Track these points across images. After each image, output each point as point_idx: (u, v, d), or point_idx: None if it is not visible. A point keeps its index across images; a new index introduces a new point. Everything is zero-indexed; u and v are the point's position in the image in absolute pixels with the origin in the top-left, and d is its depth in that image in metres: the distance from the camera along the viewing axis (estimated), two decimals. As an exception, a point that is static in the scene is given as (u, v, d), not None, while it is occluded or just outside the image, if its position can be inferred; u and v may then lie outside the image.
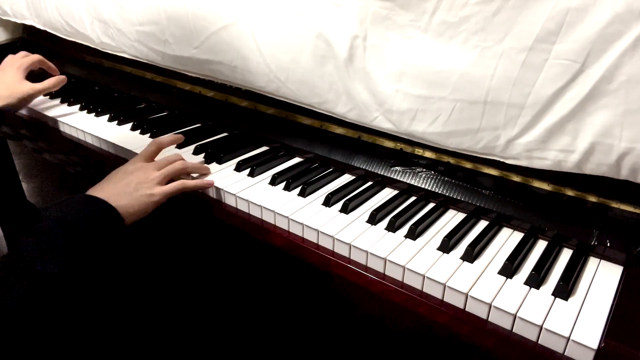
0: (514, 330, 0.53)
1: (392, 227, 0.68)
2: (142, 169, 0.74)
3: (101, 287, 0.66)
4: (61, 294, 0.58)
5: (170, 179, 0.76)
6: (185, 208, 0.83)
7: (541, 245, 0.65)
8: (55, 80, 1.06)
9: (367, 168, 0.81)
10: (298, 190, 0.77)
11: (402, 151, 0.79)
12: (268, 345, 0.91)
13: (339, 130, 0.86)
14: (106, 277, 0.65)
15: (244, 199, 0.75)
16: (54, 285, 0.57)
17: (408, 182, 0.77)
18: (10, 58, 1.08)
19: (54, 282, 0.57)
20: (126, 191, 0.70)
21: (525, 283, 0.58)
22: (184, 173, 0.79)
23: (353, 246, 0.64)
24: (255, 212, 0.75)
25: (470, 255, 0.62)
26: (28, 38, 1.49)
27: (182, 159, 0.80)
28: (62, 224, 0.61)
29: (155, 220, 0.73)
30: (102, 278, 0.64)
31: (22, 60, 1.06)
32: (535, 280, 0.57)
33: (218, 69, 0.94)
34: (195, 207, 0.82)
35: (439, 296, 0.58)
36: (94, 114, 1.09)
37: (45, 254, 0.58)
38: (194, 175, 0.82)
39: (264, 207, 0.73)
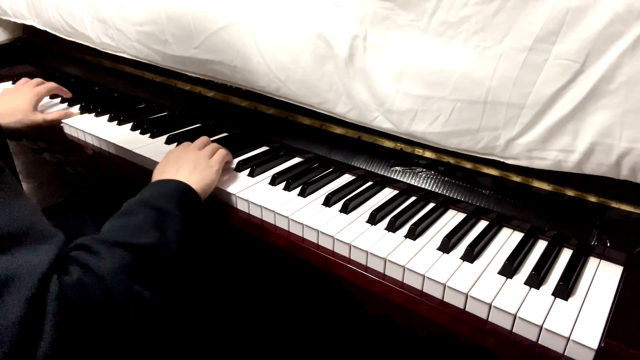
0: (514, 330, 0.53)
1: (392, 227, 0.68)
2: (189, 150, 0.78)
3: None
4: (156, 268, 0.56)
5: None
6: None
7: (541, 245, 0.65)
8: (64, 114, 1.06)
9: (367, 168, 0.81)
10: (298, 190, 0.77)
11: (402, 151, 0.79)
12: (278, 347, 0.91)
13: (339, 130, 0.86)
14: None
15: (243, 199, 0.75)
16: (148, 258, 0.55)
17: (408, 182, 0.77)
18: (25, 83, 1.08)
19: (148, 254, 0.55)
20: (190, 169, 0.71)
21: (525, 283, 0.58)
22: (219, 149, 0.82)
23: (353, 246, 0.64)
24: (255, 212, 0.75)
25: (470, 255, 0.62)
26: (28, 38, 1.49)
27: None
28: (143, 203, 0.61)
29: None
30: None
31: (39, 88, 1.06)
32: (535, 280, 0.57)
33: (218, 69, 0.94)
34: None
35: (439, 296, 0.58)
36: (94, 114, 1.09)
37: (134, 229, 0.56)
38: None
39: (264, 207, 0.73)
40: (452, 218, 0.72)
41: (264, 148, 0.94)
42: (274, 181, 0.80)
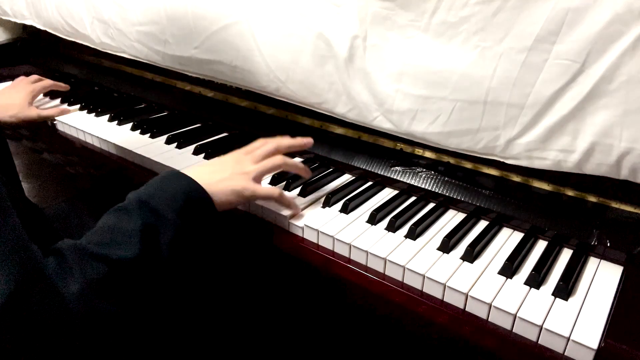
0: (514, 331, 0.53)
1: (392, 227, 0.68)
2: (240, 160, 0.70)
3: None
4: (132, 282, 0.52)
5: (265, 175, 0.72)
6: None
7: (541, 245, 0.65)
8: (58, 111, 1.10)
9: (367, 168, 0.81)
10: (298, 190, 0.77)
11: (402, 151, 0.79)
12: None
13: (339, 130, 0.86)
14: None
15: (244, 199, 0.75)
16: (124, 272, 0.51)
17: (408, 182, 0.77)
18: (22, 80, 1.14)
19: (126, 268, 0.51)
20: (221, 178, 0.65)
21: (526, 283, 0.58)
22: (282, 170, 0.75)
23: (353, 246, 0.64)
24: (254, 212, 0.75)
25: (470, 255, 0.62)
26: (28, 38, 1.49)
27: (282, 154, 0.74)
28: (141, 202, 0.56)
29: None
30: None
31: (35, 85, 1.12)
32: (535, 280, 0.57)
33: (218, 68, 0.94)
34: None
35: (439, 296, 0.58)
36: (94, 114, 1.09)
37: (121, 236, 0.53)
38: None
39: (265, 208, 0.73)
40: (452, 218, 0.72)
41: (264, 148, 0.94)
42: (274, 182, 0.80)
